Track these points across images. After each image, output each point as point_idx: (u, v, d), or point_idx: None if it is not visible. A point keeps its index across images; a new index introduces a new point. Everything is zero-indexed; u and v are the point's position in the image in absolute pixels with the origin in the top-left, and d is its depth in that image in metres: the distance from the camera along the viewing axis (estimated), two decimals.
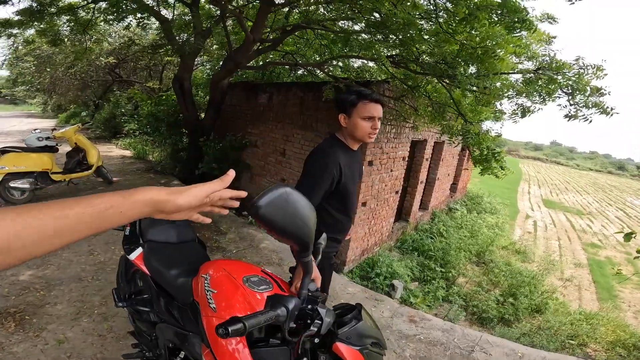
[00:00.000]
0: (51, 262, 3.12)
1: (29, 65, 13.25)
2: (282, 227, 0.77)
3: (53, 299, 2.59)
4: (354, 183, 1.81)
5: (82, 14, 6.27)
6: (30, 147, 4.61)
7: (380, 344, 1.03)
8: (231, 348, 0.95)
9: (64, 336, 2.19)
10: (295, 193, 0.79)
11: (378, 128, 1.66)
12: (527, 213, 14.09)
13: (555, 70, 2.78)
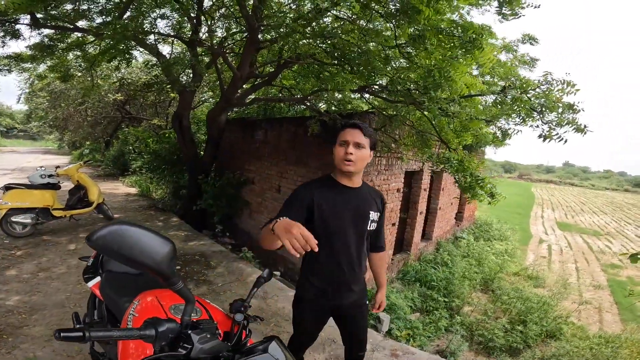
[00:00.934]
0: (39, 290, 3.26)
1: (43, 100, 13.92)
2: (122, 257, 0.84)
3: (33, 322, 2.70)
4: (342, 221, 1.62)
5: (90, 50, 6.50)
6: (33, 184, 4.82)
7: None
8: None
9: (34, 355, 2.28)
10: (134, 229, 0.86)
11: (353, 154, 1.54)
12: (540, 237, 13.62)
13: (520, 89, 2.82)
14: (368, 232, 1.71)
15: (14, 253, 4.15)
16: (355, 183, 1.67)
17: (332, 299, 1.74)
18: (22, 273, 3.60)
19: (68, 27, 5.24)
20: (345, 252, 1.66)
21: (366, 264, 1.83)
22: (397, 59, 3.16)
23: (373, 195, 1.76)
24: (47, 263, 3.92)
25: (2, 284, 3.30)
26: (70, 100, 12.90)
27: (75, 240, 4.80)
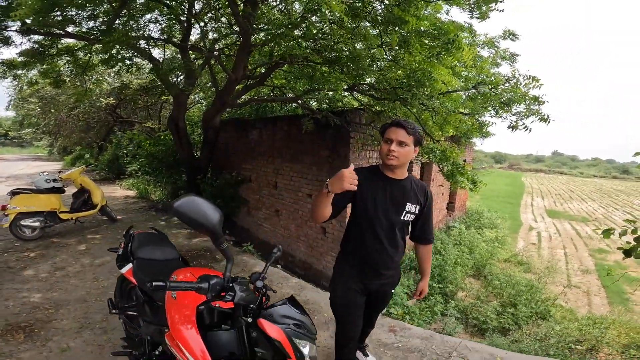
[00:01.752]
0: (59, 287, 3.45)
1: (34, 107, 13.84)
2: (191, 221, 1.12)
3: (60, 316, 2.89)
4: (378, 207, 1.74)
5: (80, 55, 6.59)
6: (39, 189, 4.95)
7: (306, 328, 1.26)
8: (184, 330, 1.20)
9: (67, 345, 2.46)
10: (199, 199, 1.15)
11: (396, 151, 1.66)
12: (530, 225, 14.10)
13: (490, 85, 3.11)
14: (403, 222, 1.80)
15: (28, 255, 4.31)
16: (397, 175, 1.78)
17: (362, 279, 1.86)
18: (39, 272, 3.78)
19: (59, 34, 5.27)
20: (377, 236, 1.78)
21: (401, 253, 1.89)
22: (383, 59, 3.39)
23: (417, 189, 1.83)
24: (61, 263, 4.10)
25: (22, 283, 3.48)
26: (61, 105, 12.86)
27: (84, 241, 4.97)
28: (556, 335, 4.16)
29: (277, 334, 1.19)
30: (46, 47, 5.89)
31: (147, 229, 2.25)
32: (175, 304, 1.34)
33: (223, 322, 1.32)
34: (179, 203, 1.12)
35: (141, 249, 1.96)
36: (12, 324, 2.71)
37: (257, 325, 1.22)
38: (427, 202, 1.87)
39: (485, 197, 21.82)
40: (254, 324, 1.23)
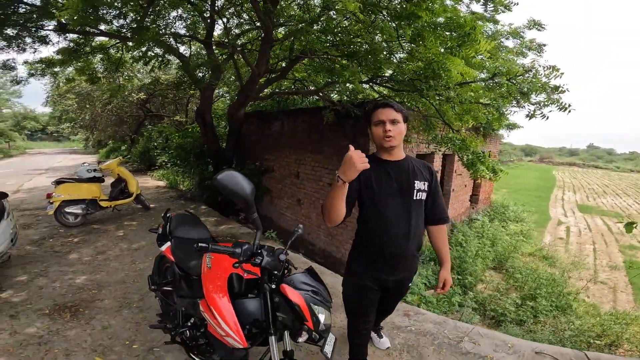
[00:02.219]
0: (101, 270, 3.78)
1: (71, 102, 14.68)
2: (230, 191, 1.28)
3: (102, 296, 3.18)
4: (386, 193, 1.68)
5: (113, 53, 6.95)
6: (81, 178, 5.39)
7: (323, 296, 1.42)
8: (217, 297, 1.39)
9: (108, 323, 2.73)
10: (236, 173, 1.32)
11: (392, 130, 1.62)
12: (559, 219, 13.61)
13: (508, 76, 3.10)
14: (417, 203, 1.71)
15: (72, 240, 4.74)
16: (396, 156, 1.73)
17: (378, 276, 1.78)
18: (83, 256, 4.16)
19: (93, 32, 5.62)
20: (389, 226, 1.69)
21: (418, 240, 1.78)
22: (399, 52, 3.45)
23: (418, 165, 1.77)
24: (102, 247, 4.49)
25: (68, 266, 3.84)
26: (96, 101, 13.61)
27: (122, 227, 5.39)
28: (575, 329, 4.12)
29: (297, 298, 1.34)
30: (81, 45, 6.26)
31: (182, 212, 2.47)
32: (209, 275, 1.53)
33: (250, 292, 1.50)
34: (220, 176, 1.28)
35: (178, 229, 2.17)
36: (60, 304, 2.98)
37: (279, 291, 1.38)
38: (433, 179, 1.79)
39: (513, 190, 21.18)
40: (276, 290, 1.39)
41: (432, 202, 1.79)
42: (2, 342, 2.41)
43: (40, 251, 4.27)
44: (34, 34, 5.62)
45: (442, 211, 1.83)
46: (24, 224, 5.34)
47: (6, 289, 3.18)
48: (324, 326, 1.39)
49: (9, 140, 27.37)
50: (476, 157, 3.83)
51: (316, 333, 1.38)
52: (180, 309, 1.88)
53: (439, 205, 1.82)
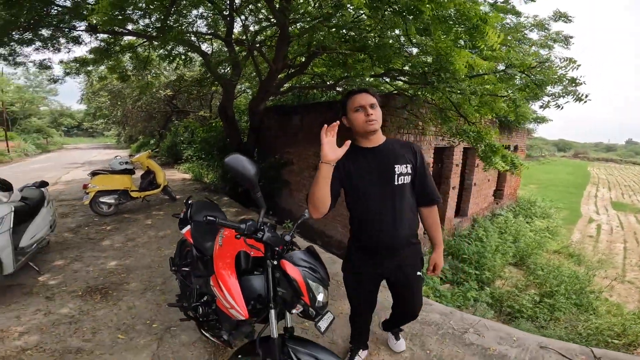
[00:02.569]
0: (130, 255, 4.08)
1: (104, 99, 15.48)
2: (236, 172, 1.42)
3: (130, 279, 3.44)
4: (367, 181, 1.67)
5: (140, 51, 7.26)
6: (114, 170, 5.77)
7: (320, 274, 1.50)
8: (225, 273, 1.54)
9: (133, 304, 2.96)
10: (241, 156, 1.45)
11: (373, 114, 1.61)
12: (590, 217, 13.02)
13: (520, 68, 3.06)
14: (400, 188, 1.67)
15: (105, 228, 5.12)
16: (375, 142, 1.70)
17: (373, 263, 1.78)
18: (114, 243, 4.50)
19: (121, 32, 5.92)
20: (375, 213, 1.68)
21: (411, 226, 1.75)
22: (408, 46, 3.47)
23: (400, 148, 1.71)
24: (132, 235, 4.82)
25: (101, 252, 4.17)
26: (127, 98, 14.30)
27: (150, 216, 5.75)
28: (593, 328, 4.02)
29: (295, 273, 1.44)
30: (111, 45, 6.59)
31: (202, 199, 2.65)
32: (220, 252, 1.67)
33: (256, 269, 1.62)
34: (228, 159, 1.45)
35: (197, 213, 2.33)
36: (92, 287, 3.23)
37: (280, 267, 1.49)
38: (418, 159, 1.72)
39: (543, 186, 20.37)
40: (278, 266, 1.50)
41: (420, 183, 1.74)
42: (37, 322, 2.62)
43: (76, 238, 4.65)
44: (67, 35, 5.98)
45: (432, 192, 1.77)
46: (62, 213, 5.79)
47: (45, 273, 3.48)
48: (320, 303, 1.47)
49: (47, 136, 29.23)
50: (490, 148, 3.81)
51: (313, 309, 1.46)
52: (195, 287, 2.06)
53: (427, 185, 1.75)
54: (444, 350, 2.43)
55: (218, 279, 1.56)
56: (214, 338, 1.95)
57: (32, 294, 3.05)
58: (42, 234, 3.49)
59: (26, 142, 21.77)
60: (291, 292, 1.47)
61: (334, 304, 3.04)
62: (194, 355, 2.28)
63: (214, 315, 1.85)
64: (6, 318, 2.64)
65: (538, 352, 2.43)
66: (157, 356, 2.26)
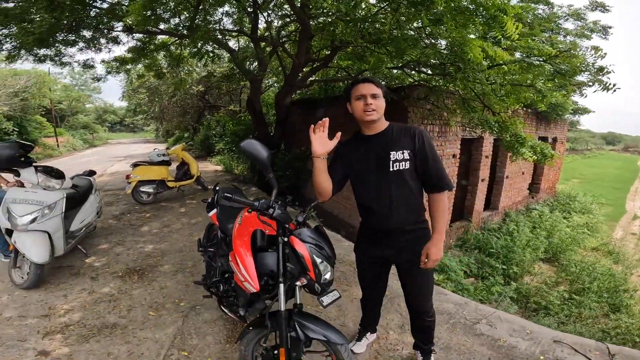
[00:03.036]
0: (165, 240, 4.43)
1: (143, 96, 16.39)
2: (250, 155, 1.58)
3: (164, 262, 3.75)
4: (364, 168, 1.74)
5: (173, 49, 7.61)
6: (152, 161, 6.22)
7: (326, 252, 1.61)
8: (241, 251, 1.70)
9: (165, 284, 3.23)
10: (255, 141, 1.60)
11: (372, 104, 1.64)
12: (635, 213, 12.11)
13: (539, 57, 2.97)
14: (399, 174, 1.68)
15: (144, 215, 5.57)
16: (375, 130, 1.75)
17: (378, 248, 1.85)
18: (152, 229, 4.90)
19: (154, 31, 6.28)
20: (374, 199, 1.75)
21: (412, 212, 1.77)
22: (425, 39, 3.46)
23: (397, 134, 1.72)
24: (168, 221, 5.22)
25: (140, 237, 4.56)
26: (163, 94, 15.07)
27: (184, 205, 6.17)
28: (624, 327, 3.86)
29: (302, 249, 1.56)
30: (146, 44, 6.99)
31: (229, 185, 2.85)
32: (239, 230, 1.83)
33: (270, 247, 1.75)
34: (243, 143, 1.60)
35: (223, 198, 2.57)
36: (130, 268, 3.51)
37: (289, 243, 1.61)
38: (418, 142, 1.68)
39: (587, 180, 19.12)
40: (288, 243, 1.62)
41: (422, 169, 1.71)
42: (81, 300, 2.89)
43: (119, 224, 5.10)
44: (106, 35, 6.44)
45: (436, 178, 1.70)
46: (107, 202, 6.34)
47: (91, 255, 3.85)
48: (325, 279, 1.59)
49: (93, 131, 31.43)
50: (516, 139, 3.73)
51: (318, 285, 1.59)
52: (218, 266, 2.27)
53: (430, 171, 1.69)
54: (452, 339, 2.49)
55: (235, 255, 1.71)
56: (232, 314, 2.14)
57: (79, 274, 3.37)
58: (89, 219, 3.84)
59: (74, 138, 23.62)
60: (299, 268, 1.59)
61: (349, 289, 3.17)
62: (214, 331, 2.50)
63: (233, 292, 2.04)
64: (55, 297, 2.92)
65: (550, 346, 2.42)
66: (182, 331, 2.49)
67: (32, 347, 2.28)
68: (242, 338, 1.79)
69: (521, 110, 7.88)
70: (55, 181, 3.31)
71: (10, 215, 2.91)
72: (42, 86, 17.94)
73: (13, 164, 3.06)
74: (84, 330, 2.48)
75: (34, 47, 5.40)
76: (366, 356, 2.28)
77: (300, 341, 1.61)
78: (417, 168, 1.71)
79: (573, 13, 4.78)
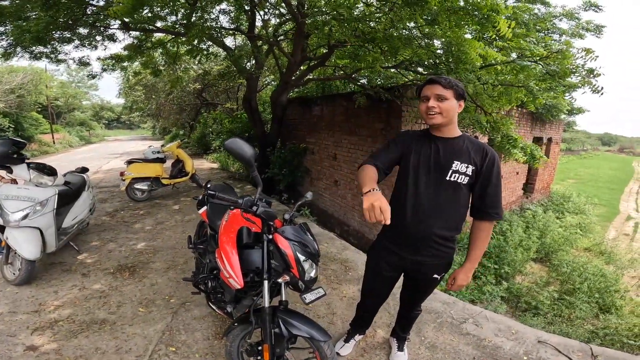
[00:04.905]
0: (158, 237, 4.44)
1: (139, 94, 16.34)
2: (234, 153, 1.59)
3: (155, 259, 3.76)
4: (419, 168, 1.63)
5: (169, 47, 7.50)
6: (147, 159, 6.22)
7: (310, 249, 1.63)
8: (227, 247, 1.72)
9: (156, 281, 3.25)
10: (239, 140, 1.61)
11: (436, 106, 1.54)
12: (629, 214, 12.22)
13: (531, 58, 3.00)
14: (453, 184, 1.59)
15: (138, 212, 5.58)
16: (445, 133, 1.63)
17: (398, 252, 1.75)
18: (145, 226, 4.90)
19: (151, 29, 6.24)
20: (417, 201, 1.63)
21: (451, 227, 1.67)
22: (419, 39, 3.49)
23: (470, 147, 1.60)
24: (161, 219, 5.23)
25: (133, 234, 4.56)
26: (160, 92, 15.02)
27: (178, 202, 6.18)
28: (612, 328, 3.91)
29: (285, 246, 1.58)
30: (142, 42, 6.92)
31: (220, 183, 2.85)
32: (225, 228, 1.84)
33: (256, 244, 1.76)
34: (227, 141, 1.62)
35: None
36: (122, 265, 3.53)
37: (274, 241, 1.63)
38: (487, 164, 1.57)
39: (582, 181, 19.26)
40: (272, 240, 1.64)
41: (480, 191, 1.61)
42: (72, 296, 2.91)
43: (112, 221, 5.10)
44: (103, 33, 6.40)
45: (491, 205, 1.60)
46: (101, 199, 6.34)
47: (83, 252, 3.86)
48: (309, 277, 1.61)
49: (90, 128, 31.29)
50: (507, 140, 3.78)
51: (302, 282, 1.61)
52: (207, 263, 2.29)
53: (487, 197, 1.60)
54: (438, 338, 2.52)
55: (221, 251, 1.73)
56: (219, 310, 2.17)
57: (71, 271, 3.39)
58: (82, 216, 3.84)
59: (70, 135, 23.50)
60: (283, 265, 1.61)
61: (339, 287, 3.20)
62: (203, 327, 2.53)
63: (220, 288, 2.06)
64: (46, 293, 2.94)
65: (534, 347, 2.45)
66: (170, 327, 2.52)
67: (21, 342, 2.30)
68: (228, 334, 1.82)
69: (516, 111, 7.93)
70: (48, 178, 3.33)
71: (2, 212, 2.91)
72: (38, 83, 17.85)
73: (6, 160, 3.07)
74: (73, 326, 2.50)
75: (31, 45, 5.36)
76: (352, 354, 2.30)
77: (284, 338, 1.63)
78: (473, 188, 1.63)
79: (567, 13, 4.84)
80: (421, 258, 1.71)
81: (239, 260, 1.68)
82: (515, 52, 3.38)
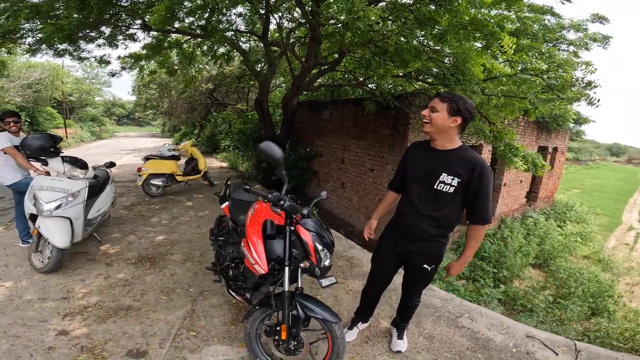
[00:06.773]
0: (175, 231, 4.69)
1: (154, 92, 16.72)
2: (267, 155, 1.81)
3: (174, 251, 4.00)
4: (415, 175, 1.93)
5: (186, 48, 7.86)
6: (162, 156, 6.51)
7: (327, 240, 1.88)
8: (253, 237, 1.96)
9: (175, 272, 3.47)
10: (271, 143, 1.84)
11: (425, 115, 1.80)
12: (631, 225, 12.31)
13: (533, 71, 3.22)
14: (440, 193, 1.82)
15: (154, 207, 5.85)
16: (439, 145, 1.85)
17: (396, 238, 2.09)
18: (162, 220, 5.16)
19: (170, 30, 6.49)
20: (411, 203, 1.95)
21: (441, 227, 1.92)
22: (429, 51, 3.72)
23: (462, 161, 1.77)
24: (176, 213, 5.49)
25: (151, 227, 4.82)
26: (173, 90, 15.38)
27: (191, 199, 6.46)
28: (602, 331, 4.09)
29: (306, 236, 1.82)
30: (161, 42, 7.19)
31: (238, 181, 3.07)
32: (251, 220, 2.07)
33: (278, 236, 1.99)
34: (262, 144, 1.83)
35: (234, 192, 2.78)
36: (143, 256, 3.72)
37: (295, 231, 1.87)
38: (475, 176, 1.75)
39: (587, 191, 19.29)
40: (294, 231, 1.88)
41: (471, 201, 1.83)
42: (98, 284, 3.09)
43: (130, 215, 5.37)
44: (125, 32, 6.69)
45: (481, 211, 1.82)
46: (118, 193, 6.56)
47: (105, 243, 4.09)
48: (325, 265, 1.85)
49: (101, 124, 31.82)
50: (509, 149, 3.99)
51: (318, 269, 1.84)
52: (228, 253, 2.53)
53: (477, 205, 1.82)
54: (436, 329, 2.74)
55: (248, 241, 1.96)
56: (239, 297, 2.41)
57: (95, 260, 3.59)
58: (105, 208, 4.05)
59: (82, 130, 24.00)
60: (302, 253, 1.86)
61: (345, 282, 3.43)
62: (220, 314, 2.76)
63: (241, 276, 2.31)
64: (73, 281, 3.12)
65: (523, 340, 2.66)
66: (191, 314, 2.74)
67: (52, 327, 2.44)
68: (249, 317, 2.06)
69: (522, 120, 8.10)
70: (80, 171, 3.56)
71: (37, 202, 3.11)
72: (55, 79, 18.28)
73: (42, 153, 3.30)
74: (101, 312, 2.66)
75: (61, 42, 5.61)
76: (357, 340, 2.54)
77: (300, 319, 1.87)
78: (464, 197, 1.84)
79: (574, 25, 5.02)
80: (413, 247, 2.02)
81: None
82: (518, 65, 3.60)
